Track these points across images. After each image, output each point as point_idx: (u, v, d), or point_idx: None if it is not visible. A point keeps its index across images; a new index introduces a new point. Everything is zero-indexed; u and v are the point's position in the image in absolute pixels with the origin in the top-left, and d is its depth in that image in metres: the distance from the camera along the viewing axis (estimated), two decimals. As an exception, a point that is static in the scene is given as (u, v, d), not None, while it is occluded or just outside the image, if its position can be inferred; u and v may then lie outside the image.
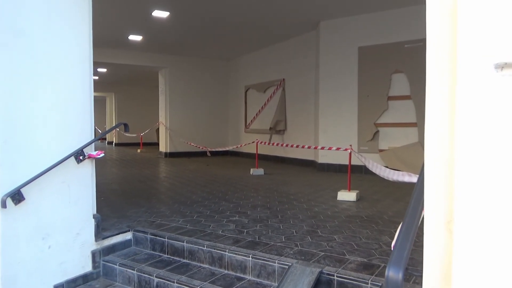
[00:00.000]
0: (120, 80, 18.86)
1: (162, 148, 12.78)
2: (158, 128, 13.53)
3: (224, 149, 9.55)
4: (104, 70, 15.36)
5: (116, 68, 14.68)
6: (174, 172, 8.25)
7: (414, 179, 2.23)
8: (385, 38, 7.64)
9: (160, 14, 7.83)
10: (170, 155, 12.42)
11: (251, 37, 9.91)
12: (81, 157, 3.08)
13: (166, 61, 12.25)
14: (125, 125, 3.53)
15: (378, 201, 4.94)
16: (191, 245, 3.17)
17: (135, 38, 9.92)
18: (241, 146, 9.34)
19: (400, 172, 2.57)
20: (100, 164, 9.97)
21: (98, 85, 19.75)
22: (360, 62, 7.94)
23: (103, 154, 3.17)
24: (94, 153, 3.16)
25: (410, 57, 7.34)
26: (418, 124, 7.25)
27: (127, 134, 18.90)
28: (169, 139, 12.43)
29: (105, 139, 24.13)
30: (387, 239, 3.21)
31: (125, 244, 3.52)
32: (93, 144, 3.26)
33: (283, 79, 10.33)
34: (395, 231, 3.49)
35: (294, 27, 8.91)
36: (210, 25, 8.78)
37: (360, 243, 3.13)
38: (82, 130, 3.11)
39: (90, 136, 3.18)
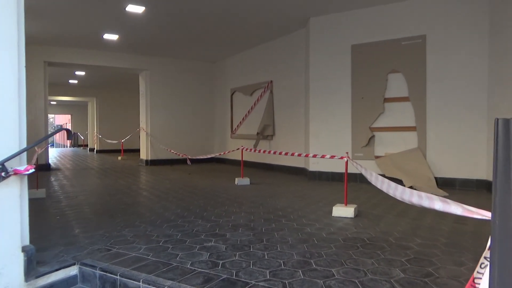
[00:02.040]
0: (101, 84, 18.04)
1: (143, 155, 12.00)
2: (140, 134, 12.78)
3: (205, 157, 8.80)
4: (82, 73, 14.57)
5: (95, 71, 13.89)
6: (151, 183, 7.50)
7: (437, 204, 1.54)
8: (380, 35, 7.04)
9: (135, 9, 7.12)
10: (151, 162, 11.65)
11: (236, 36, 9.24)
12: (3, 174, 2.34)
13: (147, 63, 11.51)
14: (68, 131, 2.81)
15: (380, 217, 4.28)
16: (149, 286, 2.45)
17: (111, 37, 9.18)
18: (224, 153, 8.63)
19: (417, 192, 1.87)
20: (72, 174, 9.21)
21: (78, 90, 18.98)
22: (353, 61, 7.33)
23: (33, 170, 2.44)
24: (21, 168, 2.43)
25: (408, 56, 6.75)
26: (418, 128, 6.65)
27: (108, 141, 18.05)
28: (150, 146, 11.66)
29: (87, 145, 23.21)
30: (399, 275, 2.54)
31: (68, 282, 2.77)
32: (22, 155, 2.53)
33: (271, 81, 9.67)
34: (407, 261, 2.86)
35: (282, 24, 8.27)
36: (190, 23, 8.09)
37: (366, 280, 2.45)
38: (4, 138, 2.39)
39: (17, 145, 2.45)
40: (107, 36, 9.14)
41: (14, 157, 2.39)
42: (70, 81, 16.87)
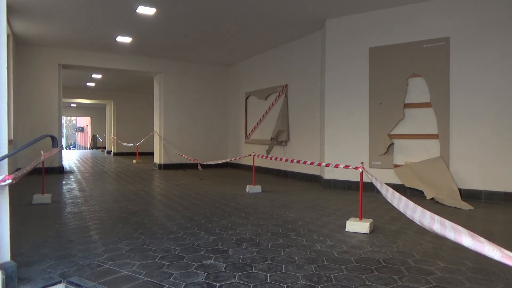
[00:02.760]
0: (118, 87, 18.13)
1: (157, 159, 11.88)
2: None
3: (216, 162, 8.58)
4: (99, 76, 14.60)
5: (110, 74, 13.92)
6: (161, 189, 7.31)
7: (465, 239, 1.22)
8: (400, 37, 6.67)
9: (146, 10, 6.97)
10: (164, 167, 11.51)
11: (251, 39, 9.01)
12: (-23, 185, 2.15)
13: (160, 66, 11.41)
14: (53, 138, 2.60)
15: (398, 234, 3.93)
16: (134, 313, 2.21)
17: (124, 40, 9.09)
18: (236, 159, 8.38)
19: (439, 219, 1.55)
20: (84, 178, 9.13)
21: (96, 92, 19.14)
22: (371, 65, 6.98)
23: (9, 180, 2.24)
24: (-1, 178, 2.23)
25: (430, 59, 6.36)
26: (440, 135, 6.24)
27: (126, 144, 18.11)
28: (163, 150, 11.52)
29: (105, 148, 23.41)
30: (418, 308, 2.21)
31: (51, 302, 2.56)
32: (2, 163, 2.33)
33: (286, 85, 9.39)
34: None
35: (297, 27, 7.99)
36: (204, 25, 7.90)
37: (379, 313, 2.14)
38: (-20, 146, 2.19)
39: (-4, 154, 2.26)
40: (120, 39, 9.05)
41: (-9, 166, 2.19)
42: (88, 84, 16.99)
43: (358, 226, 3.96)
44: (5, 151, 2.36)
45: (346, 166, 4.65)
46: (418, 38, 6.50)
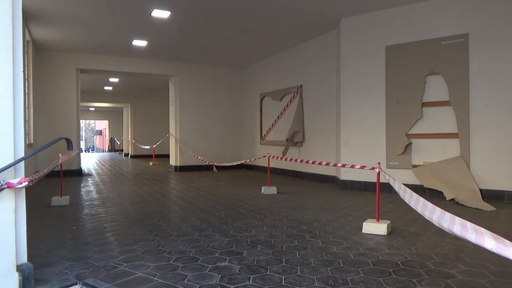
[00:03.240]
0: (135, 90, 18.37)
1: (172, 161, 11.96)
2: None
3: (232, 164, 8.58)
4: (116, 80, 14.82)
5: (127, 77, 14.11)
6: (177, 190, 7.35)
7: (488, 241, 1.15)
8: (417, 34, 6.54)
9: (160, 14, 7.03)
10: (180, 169, 11.58)
11: (265, 40, 8.98)
12: (-6, 187, 2.18)
13: (176, 68, 11.49)
14: (68, 141, 2.62)
15: (417, 236, 3.83)
16: (148, 315, 2.20)
17: (139, 43, 9.19)
18: (250, 160, 8.35)
19: (460, 220, 1.48)
20: (101, 180, 9.26)
21: (114, 96, 19.44)
22: (388, 63, 6.86)
23: (26, 183, 2.26)
24: (14, 181, 2.25)
25: (448, 56, 6.21)
26: (460, 134, 6.08)
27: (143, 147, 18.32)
28: (179, 152, 11.60)
29: (122, 150, 23.75)
30: (438, 312, 2.13)
31: (67, 303, 2.58)
32: (19, 166, 2.36)
33: (301, 86, 9.32)
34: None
35: (312, 26, 7.92)
36: (218, 27, 7.92)
37: (398, 318, 2.07)
38: (-3, 149, 2.22)
39: (12, 156, 2.29)
40: (136, 43, 9.15)
41: (6, 169, 2.22)
42: (105, 87, 17.28)
43: (375, 227, 3.88)
44: (21, 154, 2.39)
45: (362, 167, 4.56)
46: (436, 35, 6.35)
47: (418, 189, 6.31)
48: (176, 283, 2.57)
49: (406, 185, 6.14)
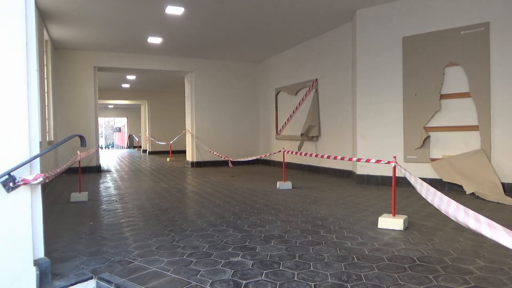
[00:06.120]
0: (152, 87, 18.56)
1: (189, 157, 12.06)
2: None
3: (247, 159, 8.58)
4: (133, 77, 15.00)
5: (144, 75, 14.26)
6: (193, 186, 7.40)
7: (502, 236, 1.09)
8: (435, 25, 6.37)
9: (174, 10, 7.05)
10: (196, 164, 11.66)
11: (280, 34, 8.91)
12: (10, 184, 2.23)
13: (191, 64, 11.55)
14: (81, 138, 2.66)
15: (434, 230, 3.74)
16: (160, 310, 2.22)
17: (155, 40, 9.26)
18: (266, 156, 8.33)
19: (474, 214, 1.42)
20: (119, 176, 9.41)
21: (131, 93, 19.70)
22: (405, 55, 6.71)
23: (41, 179, 2.31)
24: (30, 177, 2.30)
25: (468, 46, 6.02)
26: (481, 127, 5.90)
27: (160, 143, 18.54)
28: (195, 148, 11.68)
29: (140, 147, 24.09)
30: (455, 309, 2.08)
31: (83, 297, 2.63)
32: (34, 163, 2.41)
33: (316, 79, 9.23)
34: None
35: (327, 19, 7.81)
36: (231, 21, 7.90)
37: (412, 315, 2.03)
38: (12, 145, 2.27)
39: (27, 153, 2.33)
40: (151, 40, 9.22)
41: (22, 165, 2.27)
42: (123, 85, 17.52)
43: (391, 222, 3.81)
44: (37, 151, 2.44)
45: (378, 161, 4.49)
46: (455, 25, 6.17)
47: (437, 183, 6.17)
48: (189, 278, 2.59)
49: (424, 179, 6.02)
